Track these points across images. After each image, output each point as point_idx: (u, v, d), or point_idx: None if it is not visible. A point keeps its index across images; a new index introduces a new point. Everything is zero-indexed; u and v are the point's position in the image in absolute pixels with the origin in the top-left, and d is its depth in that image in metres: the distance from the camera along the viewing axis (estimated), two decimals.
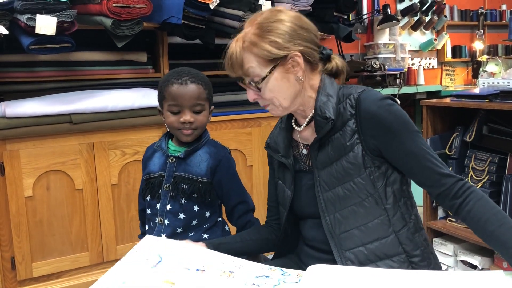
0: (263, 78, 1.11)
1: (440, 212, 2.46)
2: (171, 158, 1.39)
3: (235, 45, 1.12)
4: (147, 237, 1.19)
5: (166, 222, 1.39)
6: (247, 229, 1.42)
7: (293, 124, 1.25)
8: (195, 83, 1.34)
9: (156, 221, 1.41)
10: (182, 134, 1.36)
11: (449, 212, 2.33)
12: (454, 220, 2.34)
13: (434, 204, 2.43)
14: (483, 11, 4.94)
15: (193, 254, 1.14)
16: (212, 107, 1.43)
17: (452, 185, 1.08)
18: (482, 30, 4.89)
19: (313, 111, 1.17)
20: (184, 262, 1.09)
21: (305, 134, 1.23)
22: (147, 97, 2.32)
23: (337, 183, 1.13)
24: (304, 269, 1.07)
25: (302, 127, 1.22)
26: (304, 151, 1.23)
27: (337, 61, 1.21)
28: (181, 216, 1.38)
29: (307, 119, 1.20)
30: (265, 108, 1.19)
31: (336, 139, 1.14)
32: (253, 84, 1.13)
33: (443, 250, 2.38)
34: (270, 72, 1.11)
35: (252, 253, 1.33)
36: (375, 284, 0.97)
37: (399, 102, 1.18)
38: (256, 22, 1.12)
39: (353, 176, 1.12)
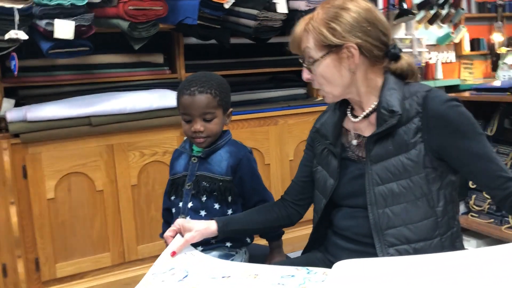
0: (315, 61, 1.14)
1: (462, 208, 2.43)
2: (193, 158, 1.44)
3: (300, 24, 1.17)
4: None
5: (188, 219, 1.41)
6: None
7: (348, 113, 1.24)
8: (203, 93, 1.36)
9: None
10: (195, 142, 1.41)
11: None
12: (476, 215, 2.31)
13: None
14: (502, 2, 4.84)
15: (218, 265, 1.16)
16: (230, 109, 1.45)
17: None
18: (501, 22, 4.79)
19: (374, 104, 1.16)
20: (210, 273, 1.11)
21: (360, 125, 1.21)
22: (165, 98, 2.34)
23: (392, 178, 1.12)
24: (331, 262, 1.06)
25: (359, 118, 1.20)
26: (354, 142, 1.21)
27: (403, 62, 1.19)
28: (202, 213, 1.41)
29: (365, 112, 1.19)
30: (319, 93, 1.20)
31: (398, 134, 1.12)
32: (307, 65, 1.17)
33: (466, 246, 2.34)
34: (322, 57, 1.13)
35: (259, 232, 1.36)
36: (404, 278, 0.94)
37: None
38: (326, 6, 1.14)
39: (411, 173, 1.11)
